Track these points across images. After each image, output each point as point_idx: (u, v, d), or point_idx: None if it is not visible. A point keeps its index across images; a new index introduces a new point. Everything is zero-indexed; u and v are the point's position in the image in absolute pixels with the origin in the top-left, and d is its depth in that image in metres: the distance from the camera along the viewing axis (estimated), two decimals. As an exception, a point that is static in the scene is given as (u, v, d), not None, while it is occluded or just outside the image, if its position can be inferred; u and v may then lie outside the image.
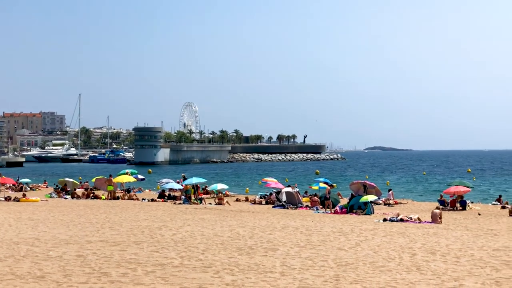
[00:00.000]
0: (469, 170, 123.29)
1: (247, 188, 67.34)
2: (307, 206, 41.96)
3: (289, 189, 43.88)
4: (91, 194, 49.75)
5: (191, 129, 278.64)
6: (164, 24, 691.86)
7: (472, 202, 46.28)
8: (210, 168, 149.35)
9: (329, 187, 43.03)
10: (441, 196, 45.85)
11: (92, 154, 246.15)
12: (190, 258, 16.71)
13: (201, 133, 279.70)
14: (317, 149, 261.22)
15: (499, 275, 14.66)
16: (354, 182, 44.76)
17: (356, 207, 36.82)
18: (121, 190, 54.60)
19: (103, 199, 47.72)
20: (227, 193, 55.74)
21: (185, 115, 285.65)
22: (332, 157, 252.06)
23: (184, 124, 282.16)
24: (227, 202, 44.43)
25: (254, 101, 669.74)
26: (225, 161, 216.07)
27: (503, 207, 43.54)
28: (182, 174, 70.55)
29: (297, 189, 45.39)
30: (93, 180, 60.69)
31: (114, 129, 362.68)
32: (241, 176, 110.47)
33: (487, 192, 69.41)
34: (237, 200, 50.18)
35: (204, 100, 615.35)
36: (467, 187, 46.27)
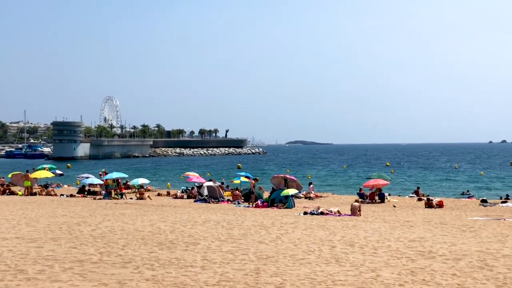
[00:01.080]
0: (388, 164, 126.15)
1: (169, 183, 66.90)
2: (228, 200, 42.04)
3: (211, 183, 43.83)
4: (7, 190, 48.39)
5: (112, 124, 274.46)
6: (81, 16, 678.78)
7: (389, 195, 47.36)
8: (131, 163, 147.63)
9: (253, 181, 43.15)
10: (360, 189, 46.77)
11: (8, 149, 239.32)
12: (109, 254, 16.46)
13: (122, 127, 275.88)
14: (239, 143, 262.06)
15: (415, 265, 15.04)
16: (275, 176, 45.06)
17: (277, 200, 37.11)
18: (39, 185, 53.25)
19: (20, 195, 46.47)
20: (149, 187, 55.33)
21: (105, 109, 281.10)
22: (253, 151, 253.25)
23: (105, 119, 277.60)
24: (148, 196, 44.05)
25: (176, 96, 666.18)
26: (147, 155, 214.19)
27: (419, 199, 44.76)
28: (103, 169, 69.47)
29: (218, 183, 45.39)
30: (10, 175, 58.94)
31: (32, 123, 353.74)
32: (163, 171, 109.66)
33: (403, 184, 71.26)
34: (159, 194, 49.83)
35: (126, 95, 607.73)
36: (386, 180, 47.28)
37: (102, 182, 49.79)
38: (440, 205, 39.00)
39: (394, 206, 39.14)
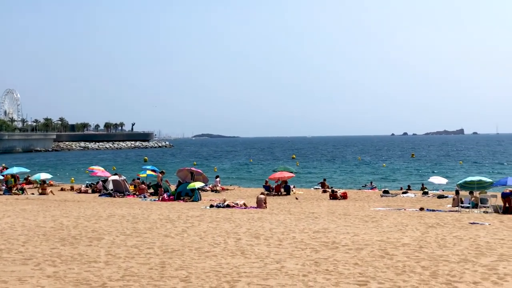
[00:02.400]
0: (294, 156, 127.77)
1: (72, 178, 65.40)
2: (134, 194, 41.54)
3: (116, 177, 43.16)
4: None
5: (12, 117, 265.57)
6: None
7: (294, 187, 47.96)
8: (33, 157, 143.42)
9: (160, 174, 42.75)
10: (266, 181, 47.16)
11: None
12: (9, 251, 15.94)
13: (23, 121, 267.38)
14: (145, 136, 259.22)
15: (318, 256, 15.29)
16: (181, 169, 44.79)
17: (184, 194, 36.98)
18: None
19: None
20: (51, 182, 53.93)
21: (5, 102, 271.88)
22: (160, 144, 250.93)
23: (5, 112, 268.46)
24: (51, 191, 42.95)
25: (81, 89, 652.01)
26: (50, 150, 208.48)
27: (325, 191, 45.54)
28: (3, 164, 67.14)
29: (124, 177, 44.76)
30: None
31: None
32: (67, 165, 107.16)
33: (309, 176, 72.32)
34: (62, 189, 48.68)
35: (27, 87, 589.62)
36: (291, 172, 47.86)
37: (2, 178, 48.12)
38: (344, 196, 39.83)
39: (296, 198, 39.76)
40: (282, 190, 44.18)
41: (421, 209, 30.61)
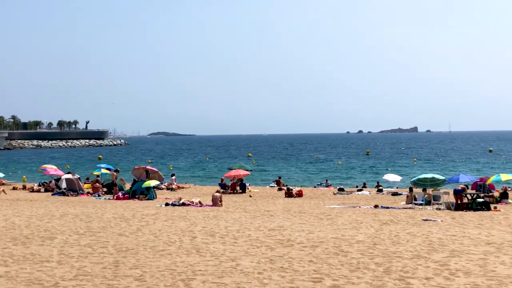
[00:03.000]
0: (250, 154, 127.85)
1: (25, 176, 64.35)
2: (88, 192, 41.08)
3: (69, 176, 42.61)
4: None
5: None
6: None
7: (250, 185, 47.99)
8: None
9: (114, 173, 42.32)
10: (222, 179, 47.10)
11: None
12: (-42, 251, 15.60)
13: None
14: (99, 135, 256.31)
15: (274, 253, 15.33)
16: (136, 167, 44.44)
17: (139, 192, 36.69)
18: None
19: None
20: (3, 181, 53.04)
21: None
22: (115, 142, 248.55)
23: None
24: (2, 191, 42.14)
25: (33, 86, 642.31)
26: (2, 148, 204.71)
27: (280, 189, 45.69)
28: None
29: (78, 176, 44.21)
30: None
31: None
32: (19, 164, 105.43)
33: (264, 174, 72.47)
34: (14, 188, 47.86)
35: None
36: (247, 170, 47.87)
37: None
38: (299, 194, 40.00)
39: (250, 196, 39.83)
40: (238, 188, 44.17)
41: (376, 206, 30.92)
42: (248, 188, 44.85)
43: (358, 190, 44.48)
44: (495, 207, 29.17)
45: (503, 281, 12.10)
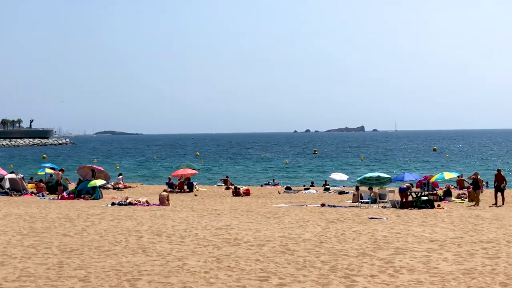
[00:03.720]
0: (198, 153, 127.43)
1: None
2: (32, 192, 40.35)
3: (13, 176, 41.77)
4: None
5: None
6: None
7: (197, 184, 47.88)
8: None
9: (59, 172, 41.63)
10: (169, 178, 46.88)
11: None
12: None
13: None
14: (44, 134, 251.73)
15: (220, 252, 15.30)
16: (82, 166, 43.87)
17: (84, 192, 36.20)
18: None
19: None
20: None
21: None
22: (60, 142, 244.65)
23: None
24: None
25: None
26: None
27: (227, 188, 45.71)
28: None
29: (22, 175, 43.37)
30: None
31: None
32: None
33: (211, 173, 72.40)
34: (-45, 188, 46.62)
35: None
36: (194, 169, 47.75)
37: None
38: (247, 193, 40.08)
39: (196, 195, 39.75)
40: (185, 187, 44.03)
41: (323, 205, 31.17)
42: (195, 187, 44.73)
43: (305, 189, 44.81)
44: (439, 205, 29.76)
45: (445, 278, 12.33)
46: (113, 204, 30.72)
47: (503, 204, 30.71)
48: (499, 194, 31.15)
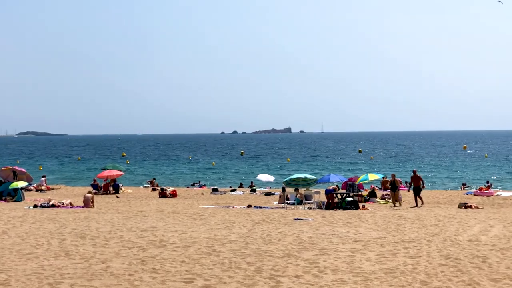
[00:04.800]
0: (124, 154, 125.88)
1: None
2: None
3: None
4: None
5: None
6: None
7: (123, 185, 47.33)
8: None
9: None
10: (95, 180, 46.13)
11: None
12: None
13: None
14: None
15: (146, 254, 15.15)
16: (3, 168, 42.68)
17: (6, 194, 35.34)
18: None
19: None
20: None
21: None
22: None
23: None
24: None
25: None
26: None
27: (154, 189, 45.32)
28: None
29: None
30: None
31: None
32: None
33: (138, 175, 71.65)
34: None
35: None
36: (120, 170, 47.18)
37: None
38: (173, 194, 39.86)
39: (117, 197, 39.30)
40: (111, 188, 43.42)
41: (249, 206, 31.28)
42: (121, 189, 44.18)
43: (232, 190, 44.86)
44: (363, 206, 30.27)
45: (368, 277, 12.54)
46: (35, 206, 30.04)
47: (422, 204, 31.29)
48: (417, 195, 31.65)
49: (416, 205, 31.21)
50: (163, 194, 39.62)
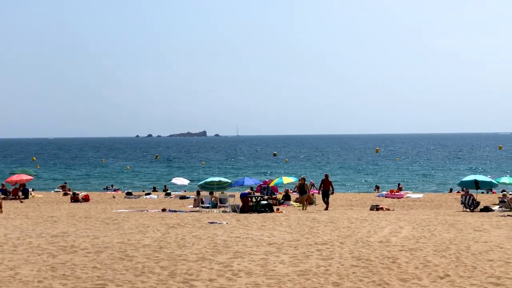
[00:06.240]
0: (34, 158, 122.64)
1: None
2: None
3: None
4: None
5: None
6: None
7: (33, 190, 46.11)
8: None
9: None
10: (3, 185, 44.72)
11: None
12: None
13: None
14: None
15: (56, 260, 14.76)
16: None
17: None
18: None
19: None
20: None
21: None
22: None
23: None
24: None
25: None
26: None
27: (65, 194, 44.41)
28: None
29: None
30: None
31: None
32: None
33: (49, 179, 70.12)
34: None
35: None
36: (30, 175, 45.96)
37: None
38: (86, 199, 39.15)
39: (22, 202, 38.33)
40: (20, 193, 42.20)
41: (163, 210, 31.02)
42: (31, 194, 43.03)
43: (146, 194, 44.42)
44: (278, 209, 30.50)
45: (281, 280, 12.63)
46: None
47: (327, 208, 31.51)
48: (326, 199, 31.96)
49: (327, 208, 31.59)
50: (75, 199, 38.83)
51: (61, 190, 48.52)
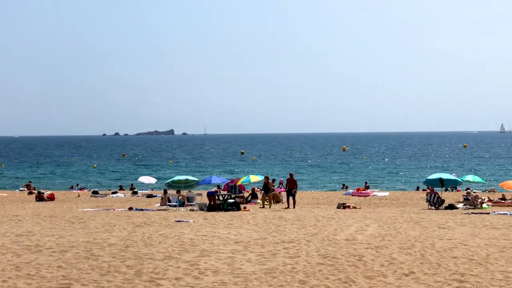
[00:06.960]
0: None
1: None
2: None
3: None
4: None
5: None
6: None
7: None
8: None
9: None
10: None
11: None
12: None
13: None
14: None
15: (20, 260, 14.60)
16: None
17: None
18: None
19: None
20: None
21: None
22: None
23: None
24: None
25: None
26: None
27: (30, 193, 43.91)
28: None
29: None
30: None
31: None
32: None
33: (14, 179, 69.29)
34: None
35: None
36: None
37: None
38: (51, 198, 38.75)
39: None
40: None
41: (130, 208, 30.85)
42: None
43: (113, 193, 44.13)
44: (245, 207, 30.50)
45: (248, 278, 12.66)
46: None
47: (294, 207, 31.63)
48: (291, 198, 32.07)
49: (288, 207, 31.67)
50: (40, 198, 38.39)
51: (26, 189, 47.97)
